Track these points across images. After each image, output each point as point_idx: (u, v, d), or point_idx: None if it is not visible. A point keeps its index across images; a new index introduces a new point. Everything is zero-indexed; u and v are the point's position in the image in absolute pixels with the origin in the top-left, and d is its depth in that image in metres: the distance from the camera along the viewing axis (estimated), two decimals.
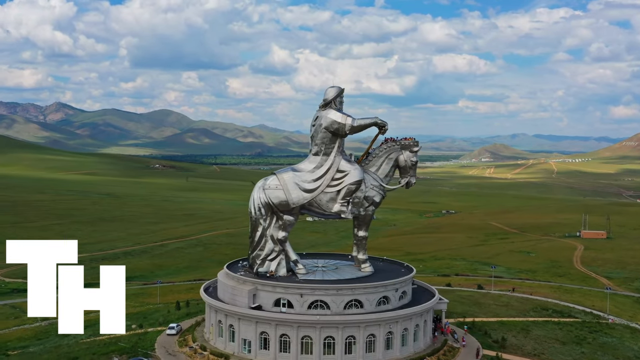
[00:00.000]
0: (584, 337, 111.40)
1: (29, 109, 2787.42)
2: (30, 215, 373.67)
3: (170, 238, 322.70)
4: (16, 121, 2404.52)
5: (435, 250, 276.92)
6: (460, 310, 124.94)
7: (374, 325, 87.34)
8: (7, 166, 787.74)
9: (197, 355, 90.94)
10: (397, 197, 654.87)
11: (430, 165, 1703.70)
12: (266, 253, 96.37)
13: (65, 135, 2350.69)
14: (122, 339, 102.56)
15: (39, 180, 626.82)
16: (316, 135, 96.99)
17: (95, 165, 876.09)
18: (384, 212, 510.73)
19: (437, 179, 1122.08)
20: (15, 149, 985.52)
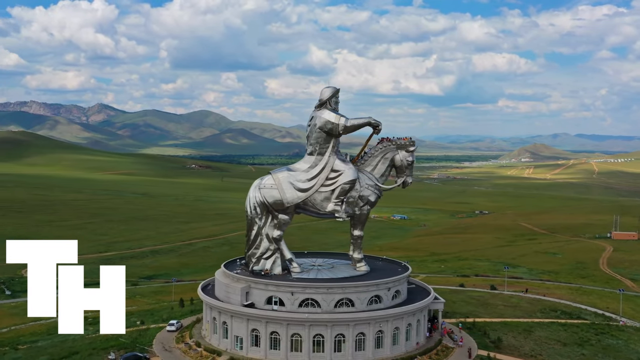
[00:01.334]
0: (588, 338, 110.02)
1: (72, 110, 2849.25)
2: (65, 214, 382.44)
3: (199, 237, 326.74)
4: (59, 122, 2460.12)
5: (460, 251, 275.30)
6: (465, 311, 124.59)
7: (364, 323, 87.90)
8: (47, 166, 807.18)
9: (191, 351, 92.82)
10: (432, 197, 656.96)
11: (469, 165, 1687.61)
12: (261, 251, 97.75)
13: (107, 136, 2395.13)
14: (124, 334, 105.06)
15: (77, 180, 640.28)
16: (311, 135, 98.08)
17: (132, 166, 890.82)
18: (416, 212, 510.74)
19: (475, 179, 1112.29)
20: (56, 150, 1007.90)
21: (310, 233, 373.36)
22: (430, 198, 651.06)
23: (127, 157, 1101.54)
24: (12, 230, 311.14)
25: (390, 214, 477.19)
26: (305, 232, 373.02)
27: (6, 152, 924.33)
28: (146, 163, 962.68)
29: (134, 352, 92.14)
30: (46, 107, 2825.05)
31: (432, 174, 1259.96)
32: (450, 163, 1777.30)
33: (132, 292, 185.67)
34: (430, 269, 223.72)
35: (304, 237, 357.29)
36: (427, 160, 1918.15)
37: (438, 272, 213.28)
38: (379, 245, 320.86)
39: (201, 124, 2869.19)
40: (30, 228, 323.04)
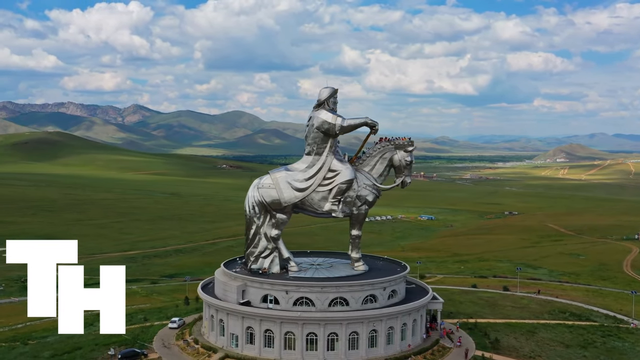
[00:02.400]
0: (593, 340, 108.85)
1: (108, 111, 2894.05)
2: (93, 213, 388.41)
3: (223, 237, 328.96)
4: (95, 123, 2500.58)
5: (483, 252, 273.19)
6: (471, 311, 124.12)
7: (356, 322, 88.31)
8: (81, 166, 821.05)
9: (189, 348, 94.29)
10: (462, 198, 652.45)
11: (502, 165, 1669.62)
12: (259, 250, 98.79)
13: (142, 136, 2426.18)
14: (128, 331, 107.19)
15: (109, 179, 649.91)
16: (309, 135, 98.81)
17: (163, 166, 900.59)
18: (444, 212, 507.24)
19: (507, 179, 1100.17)
20: (90, 150, 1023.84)
21: (335, 233, 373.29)
22: (459, 198, 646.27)
23: (159, 157, 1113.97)
24: (40, 229, 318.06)
25: (418, 215, 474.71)
26: (330, 232, 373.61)
27: (42, 153, 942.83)
28: (178, 163, 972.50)
29: (133, 348, 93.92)
30: (83, 108, 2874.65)
31: (464, 174, 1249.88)
32: (483, 163, 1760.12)
33: (150, 289, 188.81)
34: (449, 269, 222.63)
35: (328, 237, 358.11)
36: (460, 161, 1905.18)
37: (457, 272, 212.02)
38: (403, 245, 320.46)
39: (234, 124, 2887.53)
40: (58, 227, 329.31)
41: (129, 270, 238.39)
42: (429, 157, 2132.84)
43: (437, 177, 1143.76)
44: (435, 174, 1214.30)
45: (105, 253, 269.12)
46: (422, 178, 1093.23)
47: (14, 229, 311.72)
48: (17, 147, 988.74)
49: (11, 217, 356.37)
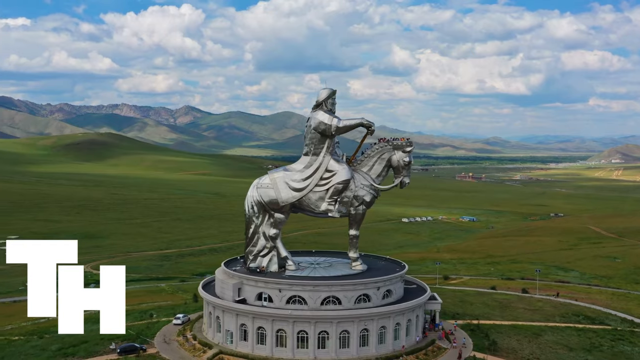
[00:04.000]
0: (601, 344, 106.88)
1: (160, 112, 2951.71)
2: (135, 213, 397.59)
3: None
4: (148, 124, 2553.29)
5: (517, 254, 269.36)
6: (479, 313, 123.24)
7: (347, 321, 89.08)
8: (129, 167, 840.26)
9: (187, 344, 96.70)
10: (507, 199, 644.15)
11: (555, 166, 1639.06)
12: (258, 249, 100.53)
13: (193, 137, 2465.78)
14: (133, 327, 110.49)
15: (155, 180, 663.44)
16: (307, 136, 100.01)
17: (210, 166, 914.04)
18: (488, 214, 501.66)
19: (558, 180, 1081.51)
20: (139, 151, 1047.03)
21: (372, 234, 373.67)
22: (505, 200, 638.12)
23: (206, 157, 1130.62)
24: (80, 228, 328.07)
25: (459, 216, 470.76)
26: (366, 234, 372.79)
27: (93, 153, 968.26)
28: (224, 164, 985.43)
29: (132, 343, 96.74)
30: (136, 109, 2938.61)
31: (514, 175, 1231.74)
32: (534, 164, 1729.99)
33: (177, 287, 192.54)
34: (478, 271, 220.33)
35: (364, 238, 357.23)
36: (511, 162, 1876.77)
37: (485, 274, 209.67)
38: (438, 246, 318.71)
39: (284, 125, 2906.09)
40: (98, 226, 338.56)
41: (162, 268, 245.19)
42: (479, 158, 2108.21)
43: (485, 178, 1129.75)
44: (484, 174, 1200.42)
45: (141, 251, 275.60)
46: (470, 179, 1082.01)
47: (55, 227, 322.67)
48: (70, 148, 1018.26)
49: (56, 215, 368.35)
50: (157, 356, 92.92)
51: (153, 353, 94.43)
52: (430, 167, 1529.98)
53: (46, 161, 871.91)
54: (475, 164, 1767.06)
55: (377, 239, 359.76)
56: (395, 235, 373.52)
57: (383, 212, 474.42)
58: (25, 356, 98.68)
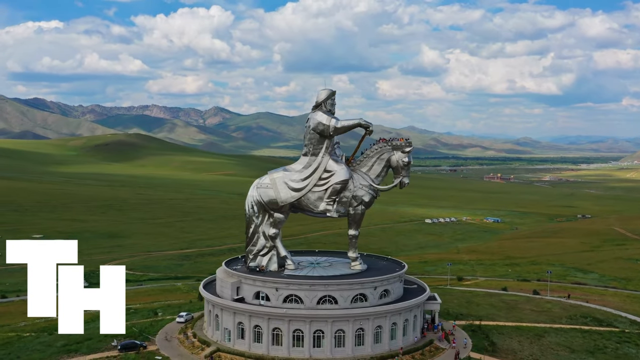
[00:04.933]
0: (604, 346, 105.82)
1: (190, 114, 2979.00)
2: (159, 213, 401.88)
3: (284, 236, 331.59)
4: (177, 125, 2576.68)
5: (537, 255, 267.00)
6: (484, 314, 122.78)
7: (342, 321, 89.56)
8: (157, 167, 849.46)
9: (187, 341, 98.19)
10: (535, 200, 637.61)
11: (586, 167, 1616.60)
12: (258, 249, 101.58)
13: (222, 138, 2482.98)
14: (137, 324, 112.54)
15: (181, 180, 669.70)
16: (306, 136, 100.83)
17: (236, 167, 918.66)
18: (513, 215, 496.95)
19: (588, 181, 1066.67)
20: (167, 152, 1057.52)
21: (393, 235, 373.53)
22: (532, 201, 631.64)
23: (233, 158, 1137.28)
24: (104, 227, 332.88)
25: (484, 217, 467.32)
26: (388, 234, 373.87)
27: (121, 154, 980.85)
28: (250, 164, 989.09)
29: (133, 340, 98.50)
30: (166, 110, 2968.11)
31: (543, 176, 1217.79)
32: (565, 165, 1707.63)
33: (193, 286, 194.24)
34: (495, 272, 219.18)
35: (386, 238, 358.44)
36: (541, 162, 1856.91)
37: (501, 276, 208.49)
38: (459, 247, 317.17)
39: None
40: (121, 225, 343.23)
41: (181, 267, 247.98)
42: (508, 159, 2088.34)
43: (514, 178, 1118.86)
44: (512, 175, 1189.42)
45: (161, 251, 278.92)
46: (498, 180, 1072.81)
47: (79, 226, 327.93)
48: (98, 149, 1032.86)
49: (82, 215, 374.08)
50: (156, 353, 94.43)
51: (153, 350, 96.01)
52: (458, 168, 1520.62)
53: (75, 162, 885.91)
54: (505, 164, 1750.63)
55: (398, 239, 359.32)
56: (416, 236, 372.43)
57: (406, 213, 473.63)
58: (31, 352, 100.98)
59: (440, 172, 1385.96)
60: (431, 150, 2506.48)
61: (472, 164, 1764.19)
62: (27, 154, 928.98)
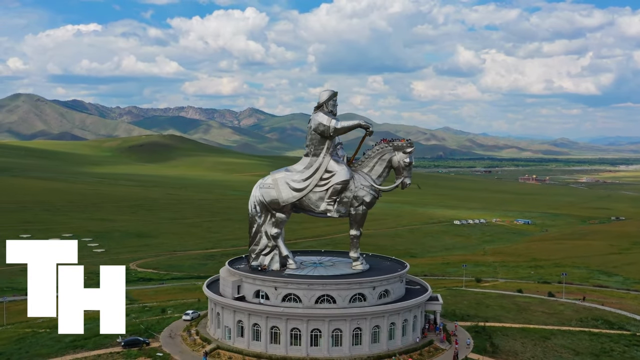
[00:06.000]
0: (611, 349, 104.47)
1: (225, 115, 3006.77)
2: (188, 213, 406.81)
3: (306, 237, 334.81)
4: (212, 126, 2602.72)
5: (562, 258, 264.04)
6: (492, 315, 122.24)
7: (339, 320, 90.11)
8: (189, 168, 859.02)
9: (189, 339, 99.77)
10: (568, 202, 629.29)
11: (625, 168, 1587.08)
12: (260, 248, 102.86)
13: (256, 139, 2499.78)
14: (145, 321, 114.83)
15: (212, 181, 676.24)
16: (307, 136, 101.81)
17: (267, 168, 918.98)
18: (545, 217, 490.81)
19: (626, 183, 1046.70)
20: (200, 153, 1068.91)
21: (421, 236, 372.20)
22: (566, 203, 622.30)
23: (266, 159, 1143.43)
24: (133, 226, 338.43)
25: (514, 219, 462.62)
26: (416, 235, 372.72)
27: (155, 155, 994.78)
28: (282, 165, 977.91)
29: (137, 336, 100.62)
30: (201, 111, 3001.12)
31: (580, 178, 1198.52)
32: (603, 166, 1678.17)
33: None
34: (517, 274, 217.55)
35: (413, 239, 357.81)
36: (579, 164, 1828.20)
37: (522, 277, 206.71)
38: (485, 249, 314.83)
39: None
40: (151, 225, 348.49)
41: (205, 266, 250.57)
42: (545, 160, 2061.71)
43: (549, 180, 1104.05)
44: (547, 177, 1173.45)
45: (187, 250, 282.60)
46: (534, 181, 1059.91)
47: (109, 226, 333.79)
48: (133, 150, 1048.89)
49: (112, 214, 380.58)
50: (158, 349, 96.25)
51: (155, 347, 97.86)
52: (493, 169, 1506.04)
53: (109, 162, 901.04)
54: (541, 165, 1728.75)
55: (425, 240, 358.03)
56: (444, 238, 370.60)
57: (435, 214, 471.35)
58: (41, 347, 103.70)
59: (475, 173, 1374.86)
60: (466, 152, 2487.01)
61: (508, 165, 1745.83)
62: (63, 154, 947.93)
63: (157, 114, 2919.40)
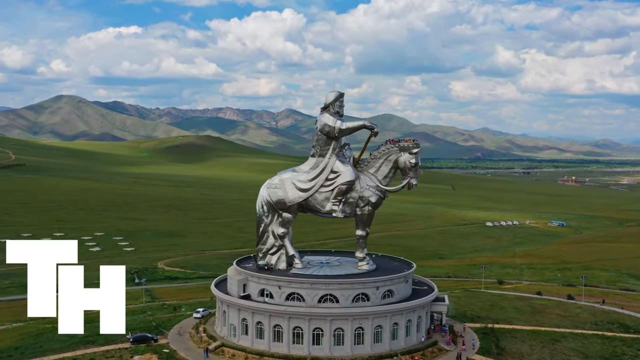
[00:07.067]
0: (623, 353, 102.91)
1: (262, 116, 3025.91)
2: (219, 213, 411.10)
3: (335, 237, 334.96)
4: (249, 127, 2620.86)
5: (592, 260, 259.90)
6: (503, 317, 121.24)
7: (341, 319, 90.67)
8: (225, 168, 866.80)
9: (197, 336, 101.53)
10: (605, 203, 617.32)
11: None
12: (267, 247, 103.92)
13: (293, 140, 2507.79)
14: (157, 319, 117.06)
15: (246, 181, 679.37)
16: (314, 137, 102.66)
17: None
18: (580, 219, 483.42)
19: None
20: (236, 153, 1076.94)
21: (451, 237, 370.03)
22: (603, 205, 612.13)
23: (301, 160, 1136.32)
24: (164, 226, 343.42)
25: (548, 221, 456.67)
26: (445, 237, 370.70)
27: (192, 155, 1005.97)
28: None
29: (145, 333, 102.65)
30: (239, 112, 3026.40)
31: (621, 179, 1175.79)
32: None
33: None
34: (543, 277, 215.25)
35: (442, 241, 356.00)
36: (621, 165, 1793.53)
37: (548, 280, 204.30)
38: (515, 251, 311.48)
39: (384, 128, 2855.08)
40: (182, 225, 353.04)
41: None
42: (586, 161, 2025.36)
43: (589, 182, 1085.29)
44: (587, 178, 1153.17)
45: (215, 250, 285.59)
46: (573, 183, 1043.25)
47: (140, 225, 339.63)
48: (170, 150, 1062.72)
49: (145, 214, 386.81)
50: (165, 346, 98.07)
51: (163, 343, 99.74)
52: (532, 171, 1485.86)
53: (146, 163, 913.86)
54: (581, 167, 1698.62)
55: (455, 242, 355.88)
56: (474, 239, 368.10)
57: (467, 215, 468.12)
58: (55, 342, 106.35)
59: (513, 174, 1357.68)
60: (505, 153, 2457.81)
61: (547, 166, 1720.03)
62: (102, 155, 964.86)
63: (195, 115, 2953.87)
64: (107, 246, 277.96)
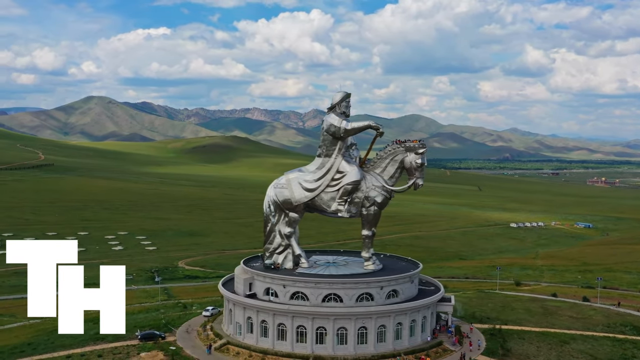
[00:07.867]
0: (633, 356, 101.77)
1: (289, 116, 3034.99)
2: (241, 212, 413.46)
3: (355, 238, 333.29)
4: (276, 128, 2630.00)
5: (615, 263, 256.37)
6: (513, 318, 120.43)
7: (344, 319, 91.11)
8: (250, 168, 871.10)
9: (204, 334, 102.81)
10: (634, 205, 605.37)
11: None
12: (274, 247, 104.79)
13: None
14: (168, 316, 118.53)
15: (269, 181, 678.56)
16: (320, 137, 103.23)
17: None
18: (607, 220, 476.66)
19: None
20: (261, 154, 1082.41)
21: (474, 238, 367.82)
22: (632, 206, 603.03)
23: None
24: (187, 225, 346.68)
25: (574, 222, 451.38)
26: (468, 237, 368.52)
27: (218, 156, 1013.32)
28: None
29: (153, 330, 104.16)
30: (266, 113, 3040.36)
31: None
32: None
33: None
34: (562, 278, 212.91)
35: (465, 241, 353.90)
36: None
37: (567, 282, 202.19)
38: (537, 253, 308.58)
39: (411, 128, 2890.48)
40: (204, 224, 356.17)
41: None
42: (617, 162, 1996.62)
43: (619, 183, 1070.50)
44: (617, 179, 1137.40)
45: (236, 249, 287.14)
46: (603, 184, 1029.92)
47: (163, 224, 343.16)
48: (196, 151, 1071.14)
49: (168, 213, 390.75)
50: (172, 343, 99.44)
51: (170, 341, 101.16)
52: (561, 172, 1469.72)
53: (172, 163, 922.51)
54: (612, 168, 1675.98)
55: (478, 243, 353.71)
56: (498, 240, 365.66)
57: (492, 216, 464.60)
58: (67, 339, 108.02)
59: (541, 175, 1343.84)
60: (534, 153, 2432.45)
61: (577, 167, 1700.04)
62: (130, 155, 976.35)
63: (223, 116, 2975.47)
64: (129, 245, 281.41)
